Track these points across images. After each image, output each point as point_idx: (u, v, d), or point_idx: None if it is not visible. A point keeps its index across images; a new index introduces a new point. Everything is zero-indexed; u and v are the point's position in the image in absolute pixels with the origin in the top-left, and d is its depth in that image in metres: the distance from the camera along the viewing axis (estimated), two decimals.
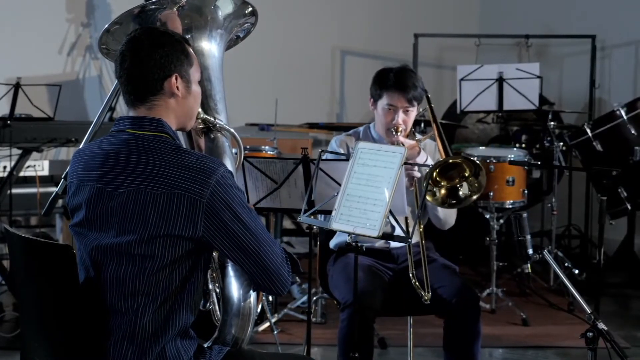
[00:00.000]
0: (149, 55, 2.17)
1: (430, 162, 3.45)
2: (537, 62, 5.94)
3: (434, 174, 3.27)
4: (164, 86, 2.20)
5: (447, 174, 3.32)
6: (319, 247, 3.78)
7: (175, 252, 2.11)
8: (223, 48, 2.57)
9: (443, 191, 3.31)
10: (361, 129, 3.69)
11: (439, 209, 3.47)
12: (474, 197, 3.25)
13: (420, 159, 3.46)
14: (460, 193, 3.29)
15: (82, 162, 2.24)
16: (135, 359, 2.12)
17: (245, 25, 2.64)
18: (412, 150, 3.43)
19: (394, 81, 3.47)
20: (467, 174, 3.28)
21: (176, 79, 2.21)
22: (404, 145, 3.39)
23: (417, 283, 3.26)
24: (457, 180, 3.30)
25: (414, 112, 3.51)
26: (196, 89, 2.29)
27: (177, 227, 2.09)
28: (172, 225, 2.09)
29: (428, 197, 3.29)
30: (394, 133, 3.46)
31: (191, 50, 2.27)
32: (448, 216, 3.53)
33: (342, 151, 3.56)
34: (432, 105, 3.56)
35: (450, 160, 3.28)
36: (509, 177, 5.09)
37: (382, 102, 3.50)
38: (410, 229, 2.78)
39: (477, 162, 3.29)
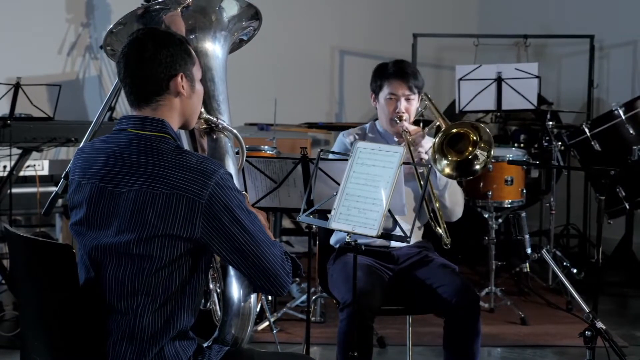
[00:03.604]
0: (153, 55, 2.17)
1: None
2: (535, 62, 5.94)
3: (442, 146, 3.33)
4: (169, 86, 2.20)
5: (457, 147, 3.37)
6: (318, 246, 3.79)
7: (174, 253, 2.11)
8: (227, 50, 2.58)
9: (453, 167, 3.35)
10: (367, 125, 3.73)
11: (446, 196, 3.48)
12: (491, 153, 3.32)
13: (425, 143, 3.47)
14: (477, 165, 3.33)
15: (85, 160, 2.24)
16: (135, 359, 2.13)
17: (249, 28, 2.65)
18: (417, 135, 3.46)
19: (394, 70, 3.55)
20: (475, 138, 3.33)
21: (182, 78, 2.21)
22: (408, 131, 3.44)
23: (438, 229, 3.31)
24: (468, 151, 3.34)
25: (415, 101, 3.55)
26: (199, 87, 2.30)
27: (176, 228, 2.09)
28: (171, 226, 2.09)
29: (442, 171, 3.35)
30: (397, 122, 3.49)
31: (192, 49, 2.28)
32: (455, 205, 3.53)
33: (349, 141, 3.59)
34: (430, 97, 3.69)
35: (454, 130, 3.34)
36: (507, 176, 5.10)
37: (384, 93, 3.55)
38: (411, 227, 2.78)
39: (473, 122, 3.39)
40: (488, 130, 3.36)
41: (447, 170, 3.35)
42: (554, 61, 7.15)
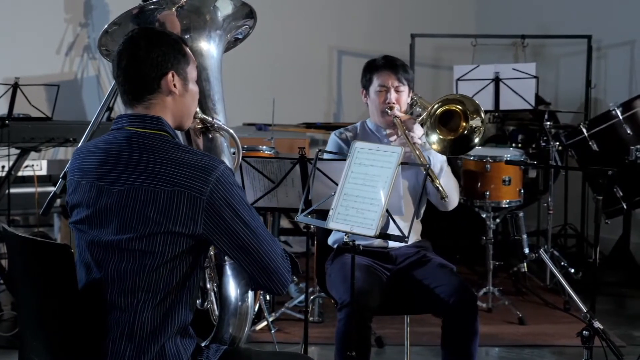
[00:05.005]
0: (146, 54, 2.18)
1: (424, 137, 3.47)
2: (533, 62, 5.95)
3: (435, 124, 3.36)
4: (160, 84, 2.21)
5: (448, 125, 3.40)
6: (316, 246, 3.79)
7: (176, 249, 2.12)
8: (222, 49, 2.58)
9: (451, 146, 3.38)
10: (358, 124, 3.75)
11: (441, 187, 3.47)
12: (484, 119, 3.35)
13: (417, 129, 3.47)
14: (476, 140, 3.35)
15: (82, 159, 2.25)
16: (134, 356, 2.12)
17: (244, 27, 2.65)
18: (409, 122, 3.47)
19: (383, 62, 3.60)
20: (462, 108, 3.37)
21: (172, 76, 2.22)
22: (399, 117, 3.45)
23: (440, 188, 3.32)
24: (462, 127, 3.36)
25: (405, 93, 3.58)
26: (193, 87, 2.30)
27: (178, 225, 2.10)
28: (173, 223, 2.10)
29: (435, 148, 3.37)
30: (388, 113, 3.50)
31: (188, 49, 2.28)
32: (451, 193, 3.51)
33: (344, 138, 3.61)
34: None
35: (440, 109, 3.38)
36: (505, 176, 5.11)
37: (374, 86, 3.58)
38: (409, 227, 2.78)
39: (453, 95, 3.46)
40: (471, 98, 3.39)
41: (439, 147, 3.37)
42: (551, 61, 7.15)
